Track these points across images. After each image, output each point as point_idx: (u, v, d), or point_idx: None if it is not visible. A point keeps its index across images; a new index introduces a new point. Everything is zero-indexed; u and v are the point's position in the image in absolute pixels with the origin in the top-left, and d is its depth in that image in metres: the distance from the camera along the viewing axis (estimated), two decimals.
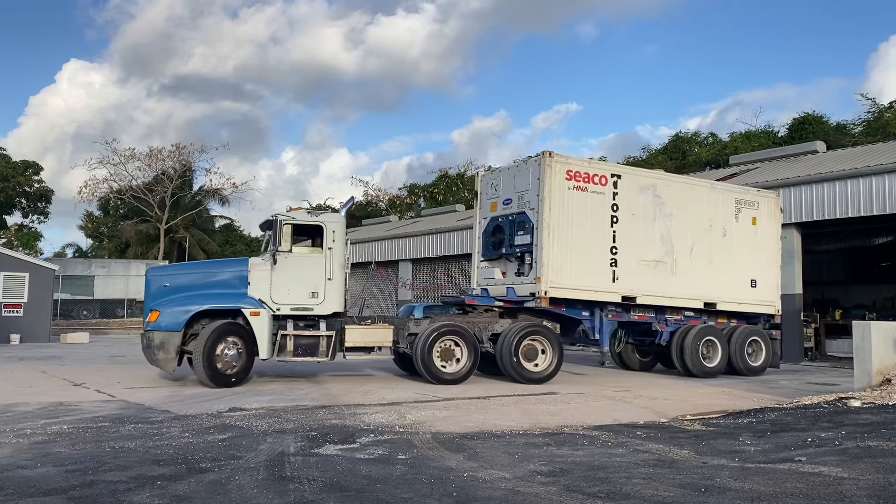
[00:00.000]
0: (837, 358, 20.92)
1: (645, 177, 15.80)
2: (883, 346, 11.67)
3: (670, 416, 9.76)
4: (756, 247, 16.63)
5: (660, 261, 15.22)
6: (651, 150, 51.84)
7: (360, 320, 13.69)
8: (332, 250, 13.28)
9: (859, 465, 6.38)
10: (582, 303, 14.61)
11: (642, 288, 15.00)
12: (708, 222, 15.98)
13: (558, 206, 14.07)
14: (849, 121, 43.20)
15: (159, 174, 49.73)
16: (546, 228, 13.92)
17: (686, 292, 15.61)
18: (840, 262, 28.05)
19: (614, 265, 14.63)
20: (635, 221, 14.98)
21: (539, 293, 13.84)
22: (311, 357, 12.87)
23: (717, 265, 15.92)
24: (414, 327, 13.59)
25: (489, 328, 14.01)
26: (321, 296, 13.05)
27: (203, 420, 8.76)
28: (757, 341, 16.47)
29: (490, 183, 15.93)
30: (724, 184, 18.39)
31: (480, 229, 15.92)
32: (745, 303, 16.48)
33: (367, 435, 7.85)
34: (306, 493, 5.38)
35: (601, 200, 14.58)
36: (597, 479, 5.86)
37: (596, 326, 14.87)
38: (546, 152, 14.19)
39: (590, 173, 14.54)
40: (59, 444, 7.18)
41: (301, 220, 13.36)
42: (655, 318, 15.63)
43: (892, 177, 18.68)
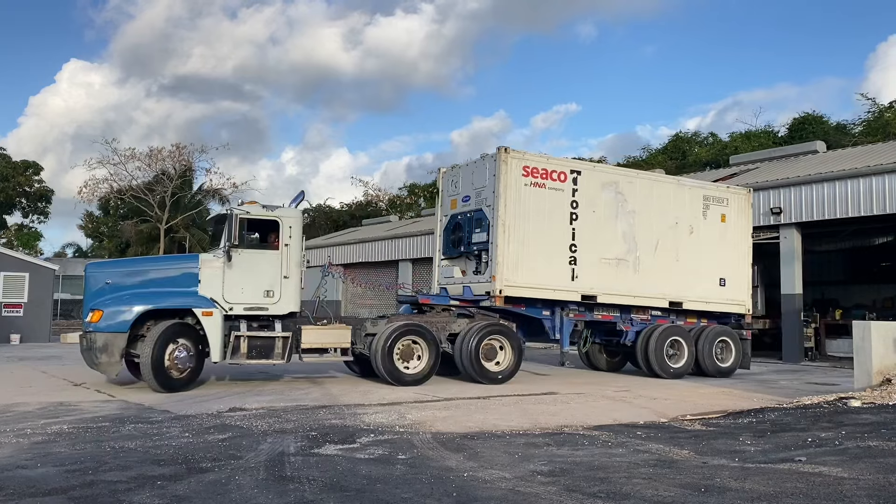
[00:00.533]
0: (837, 358, 20.91)
1: (606, 173, 15.51)
2: (883, 346, 11.67)
3: (670, 416, 9.76)
4: (725, 244, 16.28)
5: (622, 259, 14.93)
6: (651, 151, 51.88)
7: (315, 320, 13.09)
8: (288, 247, 12.68)
9: (859, 465, 6.38)
10: (542, 302, 14.36)
11: (603, 286, 14.69)
12: (674, 219, 15.64)
13: (514, 202, 13.81)
14: (849, 121, 43.26)
15: (159, 174, 49.70)
16: (501, 226, 13.67)
17: (650, 291, 15.28)
18: (840, 262, 28.04)
19: (573, 263, 14.35)
20: (596, 218, 14.68)
21: (494, 292, 13.61)
22: (265, 359, 12.31)
23: (683, 263, 15.60)
24: (371, 327, 13.25)
25: (447, 328, 13.73)
26: (277, 295, 12.48)
27: (203, 420, 8.76)
28: (726, 341, 16.13)
29: (451, 180, 15.66)
30: (692, 180, 18.01)
31: (441, 227, 15.72)
32: (714, 302, 16.15)
33: (367, 435, 7.85)
34: (306, 493, 5.38)
35: (560, 197, 14.30)
36: (597, 479, 5.86)
37: (556, 326, 14.57)
38: (501, 148, 13.88)
39: (548, 169, 14.25)
40: (59, 444, 7.18)
41: (256, 215, 12.65)
42: (620, 317, 15.33)
43: (892, 177, 18.67)
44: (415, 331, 13.14)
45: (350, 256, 36.52)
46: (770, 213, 21.15)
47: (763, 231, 21.89)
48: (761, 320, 25.26)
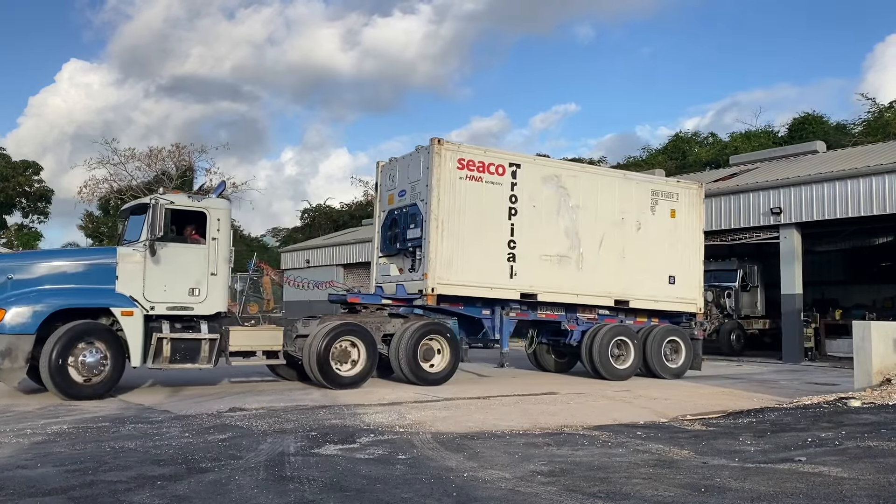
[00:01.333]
0: (837, 358, 20.90)
1: (548, 167, 14.88)
2: (883, 346, 11.67)
3: (670, 416, 9.76)
4: (675, 241, 15.72)
5: (564, 256, 14.37)
6: (651, 151, 51.91)
7: (242, 321, 12.33)
8: (216, 241, 11.78)
9: (859, 465, 6.38)
10: (482, 301, 13.90)
11: (544, 284, 14.14)
12: (620, 215, 15.08)
13: (448, 196, 13.23)
14: (848, 121, 43.29)
15: (159, 174, 49.71)
16: (434, 221, 13.09)
17: (595, 289, 14.73)
18: (840, 262, 28.05)
19: (512, 260, 13.78)
20: (537, 214, 14.11)
21: (426, 290, 13.06)
22: (190, 363, 11.37)
23: (629, 260, 15.06)
24: (303, 328, 12.54)
25: (382, 328, 13.15)
26: (203, 293, 11.54)
27: (203, 420, 8.76)
28: (676, 342, 15.58)
29: (388, 174, 15.04)
30: (640, 174, 17.50)
31: (379, 223, 15.18)
32: (663, 300, 15.60)
33: (367, 435, 7.85)
34: (306, 493, 5.38)
35: (498, 191, 13.75)
36: (597, 479, 5.86)
37: (496, 325, 14.08)
38: (435, 139, 13.28)
39: (485, 162, 13.69)
40: (59, 444, 7.18)
41: (181, 205, 11.69)
42: (565, 316, 14.81)
43: (892, 177, 18.67)
44: (351, 331, 12.51)
45: (350, 256, 36.54)
46: (770, 213, 21.15)
47: (763, 231, 21.92)
48: (761, 320, 25.41)
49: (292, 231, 63.48)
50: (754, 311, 25.41)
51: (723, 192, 22.86)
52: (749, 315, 25.22)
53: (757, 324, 25.31)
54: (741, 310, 24.91)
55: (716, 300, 24.62)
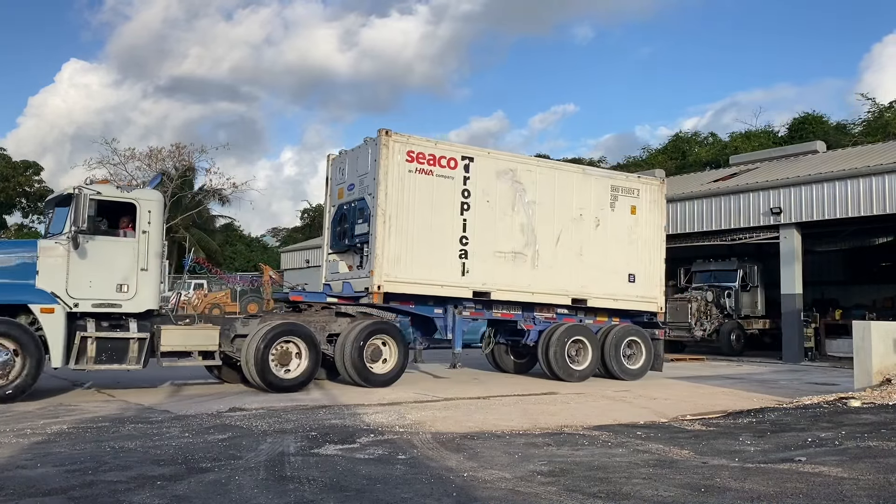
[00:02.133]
0: (837, 358, 20.89)
1: (502, 160, 14.22)
2: (883, 346, 11.67)
3: (670, 416, 9.76)
4: (635, 238, 15.32)
5: (519, 252, 13.91)
6: (651, 151, 51.92)
7: (176, 319, 11.77)
8: (147, 234, 11.12)
9: (859, 465, 6.38)
10: (434, 299, 13.41)
11: (498, 282, 13.67)
12: (578, 211, 14.65)
13: (396, 190, 12.74)
14: (847, 120, 43.32)
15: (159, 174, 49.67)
16: (381, 215, 12.60)
17: (551, 287, 14.27)
18: (840, 262, 28.05)
19: (464, 257, 13.31)
20: (490, 209, 13.66)
21: (372, 288, 12.53)
22: (117, 364, 10.75)
23: (587, 258, 14.64)
24: (242, 328, 11.94)
25: (327, 328, 12.58)
26: (132, 290, 10.87)
27: (203, 420, 8.76)
28: (636, 342, 15.08)
29: (338, 167, 14.46)
30: (599, 169, 16.88)
31: (329, 219, 14.69)
32: (622, 299, 15.16)
33: (367, 435, 7.85)
34: (306, 493, 5.38)
35: (450, 185, 13.26)
36: (597, 479, 5.86)
37: (448, 325, 13.60)
38: (382, 130, 12.77)
39: (436, 155, 13.16)
40: (59, 444, 7.18)
41: (109, 196, 11.02)
42: (522, 316, 14.36)
43: (892, 177, 18.68)
44: (292, 331, 11.89)
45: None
46: (770, 213, 21.16)
47: (763, 231, 21.92)
48: (761, 320, 25.41)
49: (292, 231, 63.57)
50: (754, 311, 25.41)
51: (723, 192, 22.87)
52: (749, 315, 25.21)
53: (757, 324, 25.31)
54: (741, 310, 24.90)
55: (716, 300, 24.63)
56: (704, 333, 23.96)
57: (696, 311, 23.99)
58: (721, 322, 24.23)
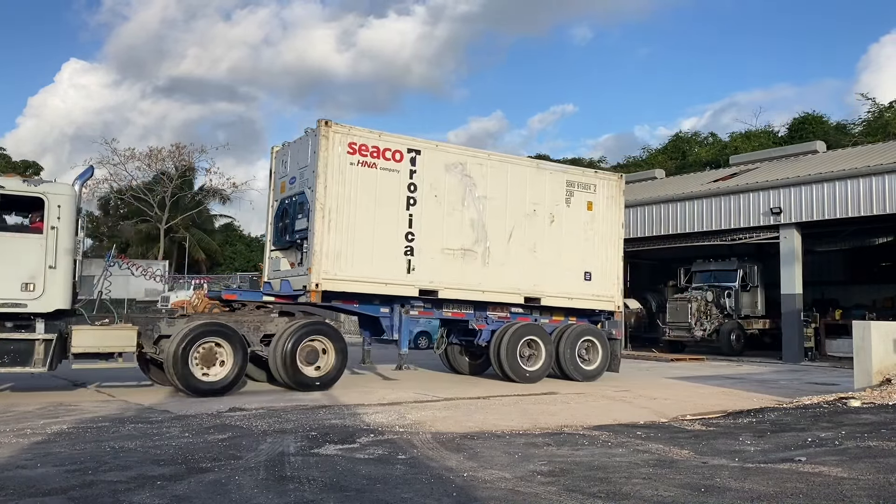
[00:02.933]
0: (837, 358, 20.90)
1: (451, 153, 13.66)
2: (883, 346, 11.67)
3: (670, 416, 9.76)
4: (592, 235, 14.90)
5: (469, 249, 13.44)
6: (651, 151, 51.95)
7: (92, 319, 11.23)
8: (56, 230, 10.51)
9: (859, 465, 6.38)
10: (379, 298, 12.95)
11: (446, 280, 13.19)
12: (532, 207, 14.21)
13: (337, 184, 12.21)
14: (847, 121, 43.33)
15: (159, 174, 49.73)
16: (320, 210, 12.08)
17: (502, 286, 13.83)
18: (840, 262, 28.06)
19: (410, 254, 12.82)
20: (438, 204, 13.18)
21: (309, 286, 12.01)
22: (21, 367, 10.17)
23: (541, 255, 14.22)
24: (167, 328, 11.29)
25: (262, 328, 11.96)
26: (39, 288, 10.30)
27: (203, 420, 8.76)
28: (591, 341, 14.71)
29: (281, 160, 13.87)
30: (554, 164, 16.48)
31: (272, 214, 14.11)
32: (577, 297, 14.72)
33: (367, 435, 7.85)
34: (306, 493, 5.37)
35: (395, 179, 12.77)
36: (597, 479, 5.86)
37: (394, 324, 13.10)
38: (322, 120, 12.28)
39: (380, 147, 12.65)
40: (59, 444, 7.17)
41: (13, 190, 10.45)
42: (474, 315, 13.89)
43: (892, 177, 18.69)
44: (217, 331, 11.28)
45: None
46: (770, 213, 21.16)
47: (763, 231, 21.93)
48: (761, 320, 25.43)
49: None
50: (754, 311, 25.43)
51: (723, 192, 22.88)
52: (749, 315, 25.23)
53: (757, 324, 25.33)
54: (741, 310, 24.92)
55: (716, 300, 24.65)
56: (704, 333, 23.98)
57: (696, 311, 24.02)
58: (721, 322, 24.24)
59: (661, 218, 24.23)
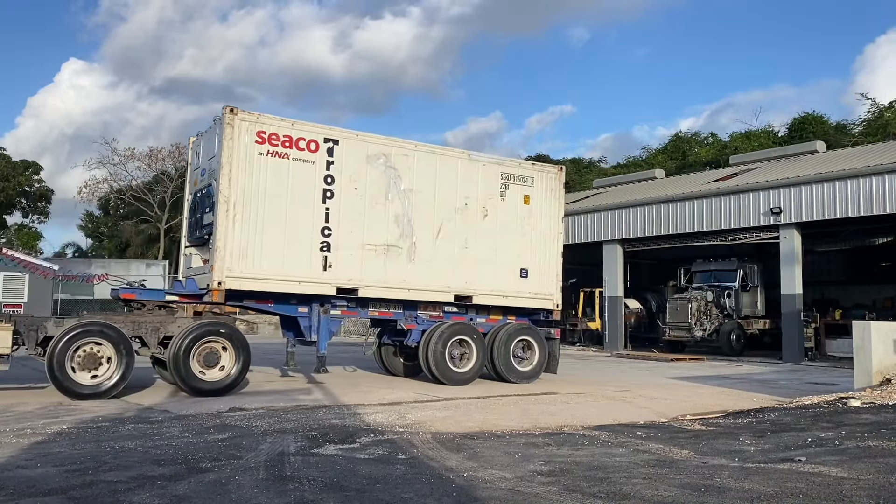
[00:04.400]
0: (837, 358, 20.91)
1: (374, 144, 12.92)
2: (883, 346, 11.68)
3: (670, 416, 9.76)
4: (529, 230, 14.28)
5: (392, 245, 12.85)
6: (651, 150, 51.96)
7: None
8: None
9: (859, 465, 6.38)
10: (297, 297, 12.38)
11: (367, 278, 12.60)
12: (463, 200, 13.59)
13: (244, 175, 11.58)
14: (847, 121, 43.33)
15: (159, 174, 49.74)
16: (224, 203, 11.44)
17: (431, 283, 13.20)
18: (840, 262, 28.08)
19: (326, 250, 12.20)
20: (359, 197, 12.57)
21: (212, 284, 11.34)
22: None
23: (473, 251, 13.61)
24: (54, 328, 10.69)
25: (161, 329, 11.28)
26: None
27: (203, 420, 8.76)
28: (528, 341, 14.09)
29: (195, 151, 13.30)
30: (487, 155, 15.37)
31: (187, 208, 13.50)
32: (513, 296, 14.10)
33: (367, 435, 7.85)
34: (306, 492, 5.37)
35: (309, 170, 12.14)
36: (597, 479, 5.86)
37: (313, 325, 12.57)
38: (227, 107, 11.69)
39: (293, 137, 12.01)
40: (59, 444, 7.17)
41: None
42: (402, 314, 13.31)
43: (892, 177, 18.70)
44: (97, 332, 10.64)
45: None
46: (770, 213, 21.17)
47: (763, 231, 21.94)
48: (761, 320, 25.44)
49: None
50: (754, 311, 25.45)
51: (723, 192, 22.89)
52: (749, 315, 25.25)
53: (757, 324, 25.35)
54: (741, 310, 24.94)
55: (716, 300, 24.65)
56: (704, 333, 23.99)
57: (696, 311, 24.03)
58: (721, 322, 24.26)
59: (661, 218, 24.25)
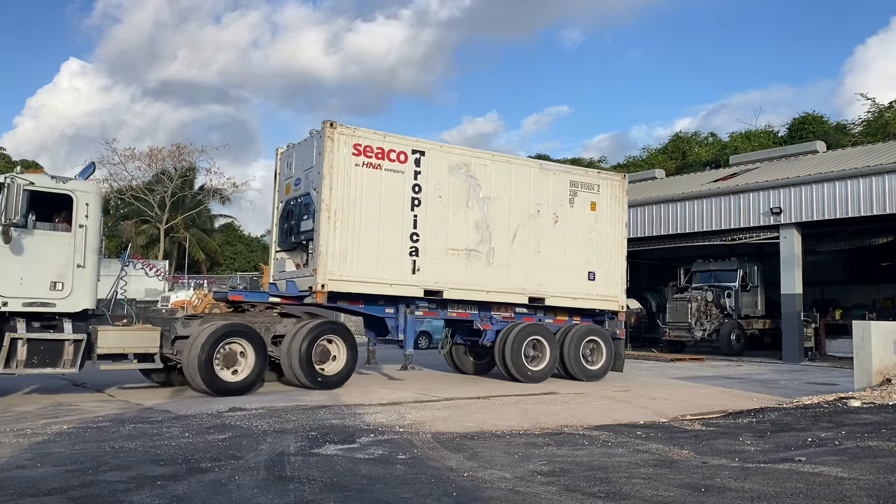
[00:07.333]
0: (837, 358, 20.92)
1: (455, 154, 13.70)
2: (883, 346, 11.68)
3: (670, 416, 9.76)
4: (596, 235, 14.96)
5: (473, 250, 13.49)
6: (651, 151, 51.97)
7: (112, 320, 11.10)
8: (84, 228, 10.40)
9: (859, 465, 6.38)
10: (384, 298, 13.01)
11: (451, 281, 13.23)
12: (535, 207, 14.28)
13: (342, 185, 12.25)
14: (846, 121, 43.33)
15: (159, 174, 49.73)
16: (326, 211, 12.12)
17: (507, 286, 13.89)
18: (840, 262, 28.07)
19: (415, 254, 12.86)
20: (443, 205, 13.24)
21: (315, 287, 12.03)
22: (51, 368, 10.04)
23: (545, 255, 14.28)
24: (182, 329, 11.28)
25: (272, 329, 12.12)
26: (67, 287, 10.16)
27: (203, 420, 8.76)
28: (596, 342, 14.79)
29: (286, 161, 14.06)
30: (558, 164, 16.51)
31: (277, 215, 14.24)
32: (581, 297, 14.76)
33: (368, 435, 7.85)
34: (306, 493, 5.37)
35: (399, 180, 12.82)
36: (597, 479, 5.86)
37: (400, 325, 13.17)
38: (327, 122, 12.36)
39: (385, 148, 12.71)
40: (59, 444, 7.18)
41: (43, 187, 10.24)
42: (478, 315, 13.98)
43: (892, 177, 18.69)
44: (239, 332, 11.38)
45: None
46: (770, 213, 21.16)
47: (763, 231, 21.93)
48: (761, 320, 25.43)
49: None
50: (754, 311, 25.44)
51: (723, 192, 22.89)
52: (749, 315, 25.24)
53: (757, 324, 25.34)
54: (741, 310, 24.93)
55: (716, 300, 24.65)
56: (704, 333, 23.98)
57: (696, 311, 24.02)
58: (721, 322, 24.25)
59: (661, 218, 24.24)
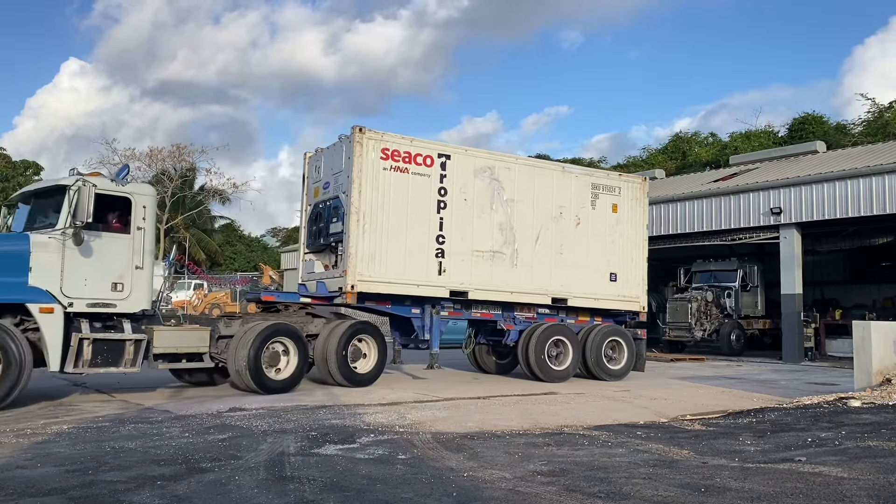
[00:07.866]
0: (837, 358, 20.93)
1: (480, 158, 14.00)
2: (883, 346, 11.68)
3: (670, 416, 9.76)
4: (617, 237, 15.21)
5: (497, 251, 13.78)
6: (651, 151, 51.97)
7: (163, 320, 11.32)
8: (142, 231, 10.62)
9: (859, 465, 6.38)
10: (411, 299, 13.28)
11: (476, 282, 13.53)
12: (558, 209, 14.55)
13: (371, 188, 12.58)
14: (846, 121, 43.34)
15: (159, 174, 49.72)
16: (355, 214, 12.43)
17: (530, 286, 14.16)
18: (840, 262, 28.08)
19: (441, 256, 13.17)
20: (468, 207, 13.55)
21: (345, 287, 12.35)
22: (113, 367, 10.20)
23: (568, 257, 14.54)
24: (225, 329, 11.52)
25: (305, 328, 12.37)
26: (127, 288, 10.36)
27: (203, 420, 8.76)
28: (617, 342, 14.98)
29: (314, 165, 14.37)
30: (580, 167, 16.69)
31: (305, 218, 14.61)
32: (603, 298, 15.01)
33: (368, 435, 7.85)
34: (306, 492, 5.37)
35: (426, 183, 13.14)
36: (597, 479, 5.86)
37: (426, 325, 13.46)
38: (356, 127, 12.62)
39: (412, 153, 13.04)
40: (59, 444, 7.18)
41: (105, 190, 10.38)
42: (502, 315, 14.24)
43: (892, 177, 18.69)
44: (284, 332, 11.70)
45: None
46: (770, 213, 21.16)
47: (763, 231, 21.93)
48: (761, 320, 25.43)
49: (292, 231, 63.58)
50: (754, 311, 25.44)
51: (723, 192, 22.89)
52: (749, 315, 25.24)
53: (757, 324, 25.34)
54: (741, 310, 24.93)
55: (716, 300, 24.65)
56: (704, 333, 23.99)
57: (696, 311, 24.02)
58: (721, 322, 24.25)
59: (661, 218, 24.23)
